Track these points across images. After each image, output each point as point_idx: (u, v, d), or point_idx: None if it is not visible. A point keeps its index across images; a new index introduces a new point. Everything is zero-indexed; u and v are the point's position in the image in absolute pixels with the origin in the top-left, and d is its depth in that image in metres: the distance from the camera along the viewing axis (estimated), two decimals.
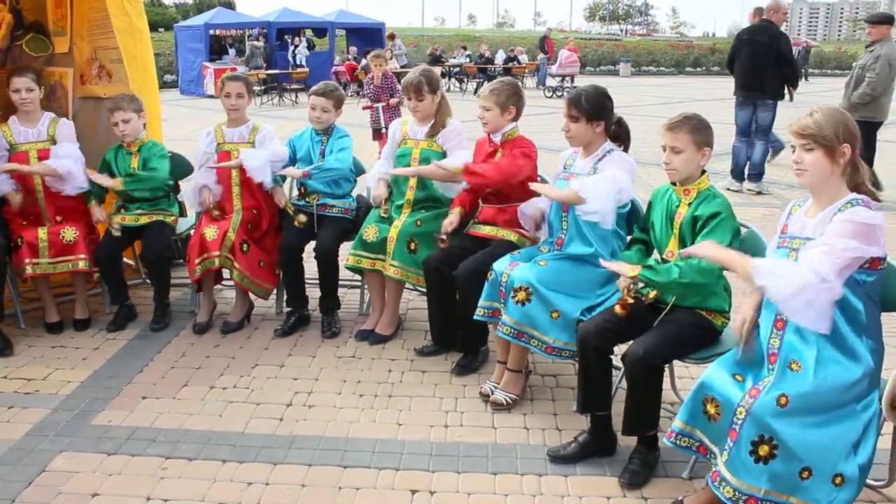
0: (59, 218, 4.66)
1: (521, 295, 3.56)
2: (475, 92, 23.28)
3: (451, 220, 4.22)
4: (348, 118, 4.86)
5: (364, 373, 4.12)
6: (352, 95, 20.10)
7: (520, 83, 4.46)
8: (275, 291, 4.86)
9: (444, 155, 4.42)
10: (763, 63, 8.56)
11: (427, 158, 4.40)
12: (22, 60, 5.96)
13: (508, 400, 3.73)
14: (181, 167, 5.11)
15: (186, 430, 3.53)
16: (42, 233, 4.51)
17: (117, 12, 5.00)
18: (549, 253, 3.76)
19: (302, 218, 4.56)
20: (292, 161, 4.72)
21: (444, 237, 4.20)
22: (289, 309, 4.71)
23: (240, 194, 4.69)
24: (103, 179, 4.62)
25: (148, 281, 5.32)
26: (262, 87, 20.68)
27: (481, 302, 3.78)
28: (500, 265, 3.74)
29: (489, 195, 4.20)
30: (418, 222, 4.39)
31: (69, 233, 4.54)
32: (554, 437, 3.49)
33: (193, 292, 4.89)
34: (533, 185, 3.75)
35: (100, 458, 3.30)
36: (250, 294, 4.73)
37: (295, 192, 4.84)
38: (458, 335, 4.21)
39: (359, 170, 5.01)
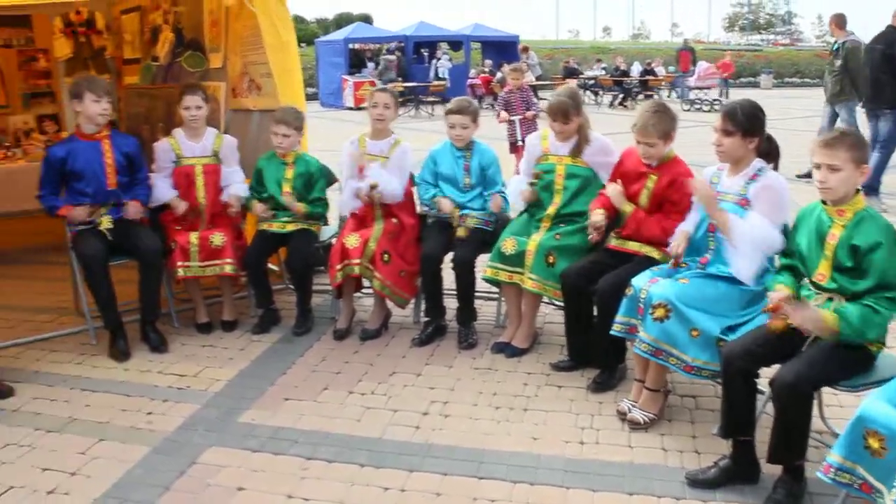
0: (210, 224, 4.92)
1: (660, 312, 3.48)
2: (610, 105, 23.02)
3: (598, 220, 4.10)
4: (484, 131, 4.90)
5: (500, 385, 4.13)
6: (486, 108, 20.25)
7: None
8: (412, 301, 4.94)
9: (591, 171, 4.40)
10: (879, 71, 8.19)
11: (573, 175, 4.41)
12: (181, 76, 6.35)
13: (646, 419, 3.66)
14: (328, 178, 5.29)
15: (327, 432, 3.63)
16: (193, 237, 4.76)
17: (268, 29, 5.24)
18: (690, 270, 3.66)
19: (461, 232, 4.62)
20: (433, 175, 4.80)
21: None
22: (426, 318, 4.78)
23: (381, 204, 4.81)
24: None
25: (291, 286, 5.53)
26: (400, 100, 21.11)
27: (619, 317, 3.72)
28: (640, 281, 3.67)
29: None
30: (557, 236, 4.37)
31: (217, 238, 4.77)
32: (692, 460, 3.38)
33: (334, 299, 5.03)
34: (697, 194, 3.66)
35: (245, 455, 3.44)
36: (388, 302, 4.82)
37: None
38: (596, 351, 4.16)
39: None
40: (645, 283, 3.62)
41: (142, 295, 4.65)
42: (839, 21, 9.38)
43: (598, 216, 4.10)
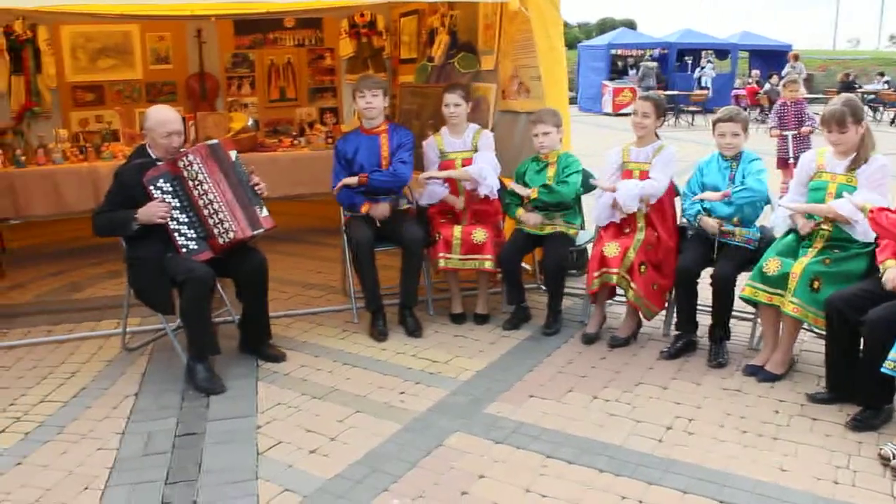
0: (472, 220, 5.12)
1: None
2: (892, 122, 21.07)
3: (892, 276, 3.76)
4: (749, 145, 4.69)
5: (749, 409, 3.95)
6: (753, 121, 19.29)
7: None
8: (662, 313, 4.85)
9: None
10: None
11: (843, 194, 4.11)
12: (452, 76, 6.63)
13: None
14: (587, 182, 5.31)
15: (568, 433, 3.66)
16: (457, 231, 4.98)
17: (541, 34, 5.34)
18: None
19: (737, 239, 4.52)
20: (700, 187, 4.68)
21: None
22: (677, 332, 4.67)
23: (644, 214, 4.77)
24: (520, 189, 4.96)
25: (543, 287, 5.62)
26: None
27: (893, 354, 3.42)
28: None
29: None
30: (826, 261, 4.09)
31: (479, 234, 4.95)
32: None
33: (587, 303, 5.05)
34: None
35: (488, 444, 3.56)
36: (640, 313, 4.77)
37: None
38: (860, 386, 3.85)
39: None
40: None
41: (403, 281, 4.94)
42: None
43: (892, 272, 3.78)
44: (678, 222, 4.90)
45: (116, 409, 3.96)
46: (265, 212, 4.40)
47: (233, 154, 4.40)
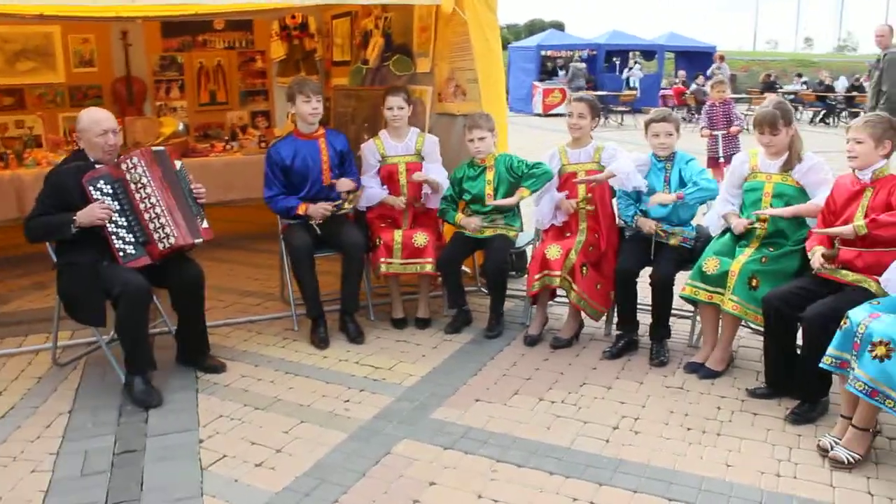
0: (412, 223, 5.09)
1: (881, 350, 3.23)
2: (811, 121, 21.78)
3: (824, 259, 3.87)
4: (679, 144, 4.78)
5: (692, 406, 4.01)
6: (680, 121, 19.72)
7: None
8: (605, 314, 4.89)
9: (800, 190, 4.20)
10: None
11: (781, 193, 4.21)
12: (388, 79, 6.59)
13: (850, 459, 3.41)
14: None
15: (516, 436, 3.66)
16: (397, 235, 4.94)
17: (478, 36, 5.33)
18: None
19: (673, 241, 4.54)
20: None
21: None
22: (618, 332, 4.71)
23: (586, 216, 4.80)
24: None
25: (483, 290, 5.62)
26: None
27: (830, 350, 3.49)
28: (858, 314, 3.41)
29: (855, 238, 3.87)
30: (763, 259, 4.19)
31: (420, 238, 4.91)
32: None
33: (528, 305, 5.07)
34: None
35: (436, 451, 3.53)
36: (582, 314, 4.80)
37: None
38: (798, 381, 3.94)
39: None
40: (864, 318, 3.37)
41: (343, 287, 4.87)
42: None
43: (821, 257, 3.88)
44: (616, 223, 4.94)
45: (49, 427, 3.80)
46: (205, 223, 4.31)
47: (178, 163, 4.35)
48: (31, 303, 5.70)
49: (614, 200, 4.96)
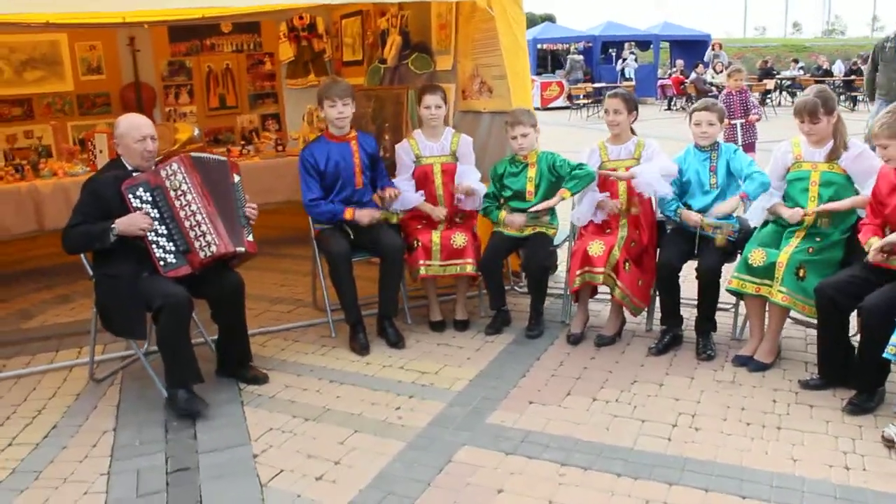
0: (448, 224, 5.00)
1: None
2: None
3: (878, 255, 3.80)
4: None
5: (747, 400, 3.95)
6: (678, 110, 19.66)
7: None
8: (645, 309, 4.83)
9: (847, 178, 4.14)
10: None
11: (829, 182, 4.16)
12: (407, 78, 6.51)
13: None
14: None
15: (577, 439, 3.59)
16: (435, 236, 4.85)
17: (505, 31, 5.27)
18: None
19: (720, 241, 4.43)
20: (678, 180, 4.66)
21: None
22: (663, 327, 4.64)
23: (626, 212, 4.74)
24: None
25: (516, 289, 5.55)
26: (589, 101, 20.89)
27: (894, 339, 3.45)
28: None
29: None
30: (810, 249, 4.13)
31: (459, 238, 4.83)
32: None
33: (567, 302, 5.00)
34: None
35: (499, 456, 3.45)
36: (624, 310, 4.74)
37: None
38: (852, 371, 3.89)
39: None
40: None
41: (382, 291, 4.79)
42: None
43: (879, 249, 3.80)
44: (656, 217, 4.87)
45: (96, 447, 3.70)
46: (251, 237, 4.25)
47: (236, 177, 4.30)
48: (57, 317, 5.60)
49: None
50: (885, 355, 3.49)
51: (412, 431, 3.71)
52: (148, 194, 3.98)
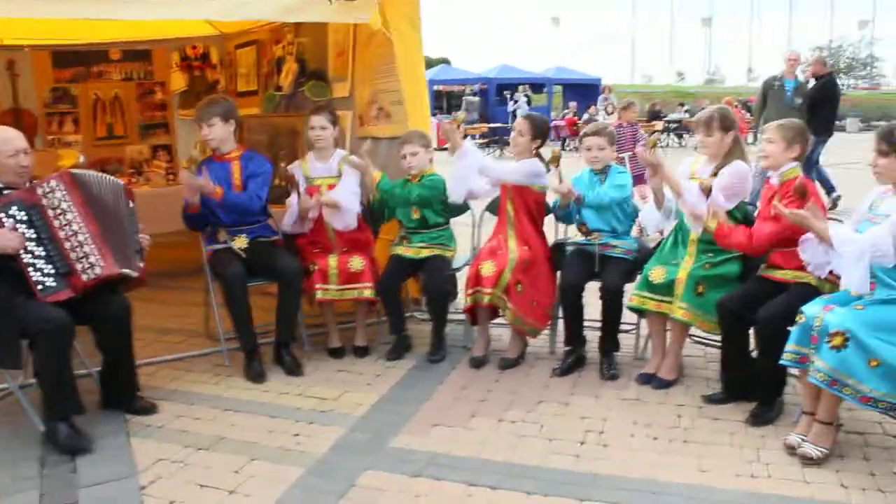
0: (345, 248, 4.87)
1: (837, 340, 3.30)
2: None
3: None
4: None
5: (653, 416, 3.95)
6: (571, 150, 20.15)
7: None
8: (546, 331, 4.81)
9: None
10: None
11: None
12: (303, 106, 6.39)
13: (819, 453, 3.42)
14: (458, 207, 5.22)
15: (484, 459, 3.50)
16: (332, 260, 4.73)
17: (403, 55, 5.23)
18: (866, 297, 3.46)
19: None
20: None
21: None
22: (567, 348, 4.62)
23: (514, 234, 4.72)
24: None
25: (415, 315, 5.45)
26: (485, 141, 21.20)
27: (789, 346, 3.53)
28: (813, 309, 3.48)
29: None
30: (707, 266, 4.21)
31: (356, 262, 4.72)
32: (877, 499, 3.15)
33: (468, 325, 4.93)
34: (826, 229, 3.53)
35: (405, 480, 3.32)
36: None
37: (573, 231, 4.79)
38: (755, 383, 3.95)
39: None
40: (819, 311, 3.44)
41: (279, 316, 4.61)
42: None
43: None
44: (555, 239, 4.90)
45: None
46: (142, 263, 4.06)
47: (130, 203, 4.12)
48: None
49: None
50: (781, 362, 3.56)
51: (312, 457, 3.53)
52: (23, 213, 3.71)
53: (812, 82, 10.47)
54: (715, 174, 4.27)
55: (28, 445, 3.70)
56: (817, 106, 9.93)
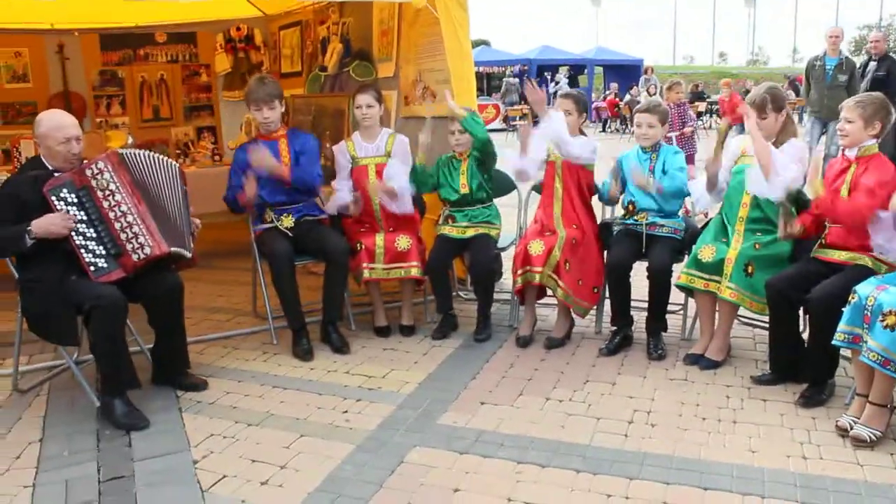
0: (391, 227, 4.88)
1: (891, 319, 3.23)
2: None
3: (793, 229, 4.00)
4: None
5: (701, 396, 3.92)
6: (612, 132, 19.96)
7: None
8: (593, 310, 4.78)
9: None
10: None
11: None
12: (348, 86, 6.41)
13: (872, 436, 3.36)
14: (505, 185, 5.22)
15: (532, 437, 3.49)
16: (379, 240, 4.74)
17: (450, 35, 5.20)
18: None
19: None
20: (622, 178, 4.69)
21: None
22: (613, 328, 4.60)
23: (561, 212, 4.69)
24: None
25: (461, 294, 5.45)
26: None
27: (842, 326, 3.46)
28: (865, 289, 3.41)
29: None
30: (756, 245, 4.15)
31: (403, 241, 4.73)
32: None
33: (516, 305, 4.92)
34: None
35: (453, 456, 3.33)
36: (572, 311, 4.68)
37: (620, 211, 4.74)
38: (804, 364, 3.90)
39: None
40: (872, 291, 3.37)
41: (326, 295, 4.64)
42: None
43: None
44: (602, 219, 4.86)
45: (20, 458, 3.44)
46: (191, 244, 4.10)
47: (184, 185, 4.16)
48: None
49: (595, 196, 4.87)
50: (834, 342, 3.51)
51: (361, 434, 3.56)
52: (73, 195, 3.75)
53: (871, 64, 9.50)
54: None
55: (84, 419, 3.78)
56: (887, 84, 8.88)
